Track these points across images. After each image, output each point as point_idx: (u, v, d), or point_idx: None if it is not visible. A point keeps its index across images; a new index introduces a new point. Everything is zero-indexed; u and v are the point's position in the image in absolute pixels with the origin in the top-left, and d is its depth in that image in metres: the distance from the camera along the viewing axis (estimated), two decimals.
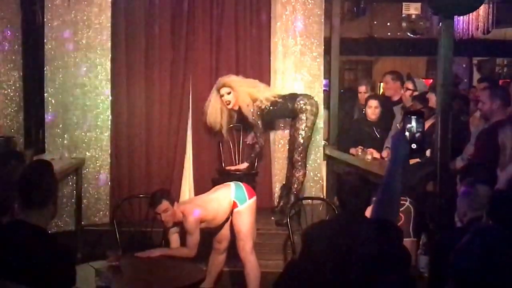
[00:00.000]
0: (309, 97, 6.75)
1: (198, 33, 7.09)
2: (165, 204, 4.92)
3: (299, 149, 6.61)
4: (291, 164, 6.74)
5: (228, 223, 5.38)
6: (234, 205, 5.28)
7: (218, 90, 6.68)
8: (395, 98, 7.05)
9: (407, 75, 7.52)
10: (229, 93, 6.63)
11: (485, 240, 1.78)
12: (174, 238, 5.16)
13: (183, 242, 5.07)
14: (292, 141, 6.73)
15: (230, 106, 6.67)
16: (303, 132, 6.61)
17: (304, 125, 6.61)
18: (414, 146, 2.09)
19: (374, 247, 1.92)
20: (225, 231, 5.42)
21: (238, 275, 5.63)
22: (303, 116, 6.61)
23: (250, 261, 5.30)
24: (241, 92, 6.64)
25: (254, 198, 5.37)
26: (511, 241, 1.87)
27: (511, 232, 2.01)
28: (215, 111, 6.74)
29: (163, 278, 4.49)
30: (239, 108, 6.71)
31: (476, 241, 1.80)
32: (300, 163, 6.62)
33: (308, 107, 6.62)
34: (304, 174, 6.68)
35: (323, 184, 7.25)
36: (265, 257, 5.83)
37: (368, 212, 2.08)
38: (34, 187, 2.92)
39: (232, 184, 5.41)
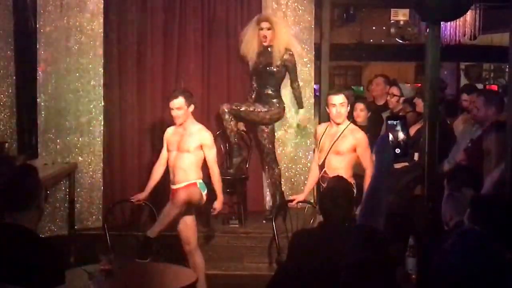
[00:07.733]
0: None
1: (189, 38, 7.13)
2: (180, 100, 5.11)
3: (266, 150, 6.72)
4: (267, 165, 6.84)
5: (190, 222, 5.39)
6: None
7: (258, 23, 6.63)
8: (381, 102, 7.17)
9: (393, 81, 7.62)
10: (269, 29, 6.58)
11: (466, 242, 1.84)
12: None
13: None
14: (263, 144, 6.79)
15: (265, 43, 6.59)
16: (265, 135, 6.71)
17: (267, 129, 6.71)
18: (398, 150, 2.09)
19: (359, 254, 1.97)
20: (187, 230, 5.42)
21: (230, 278, 5.68)
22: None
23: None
24: (279, 34, 6.61)
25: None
26: (491, 244, 1.94)
27: (491, 235, 2.08)
28: (249, 43, 6.68)
29: (156, 281, 4.53)
30: (268, 50, 6.63)
31: (458, 244, 1.86)
32: (270, 163, 6.74)
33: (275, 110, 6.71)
34: (279, 170, 6.79)
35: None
36: (256, 260, 5.88)
37: None
38: (16, 190, 2.99)
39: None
